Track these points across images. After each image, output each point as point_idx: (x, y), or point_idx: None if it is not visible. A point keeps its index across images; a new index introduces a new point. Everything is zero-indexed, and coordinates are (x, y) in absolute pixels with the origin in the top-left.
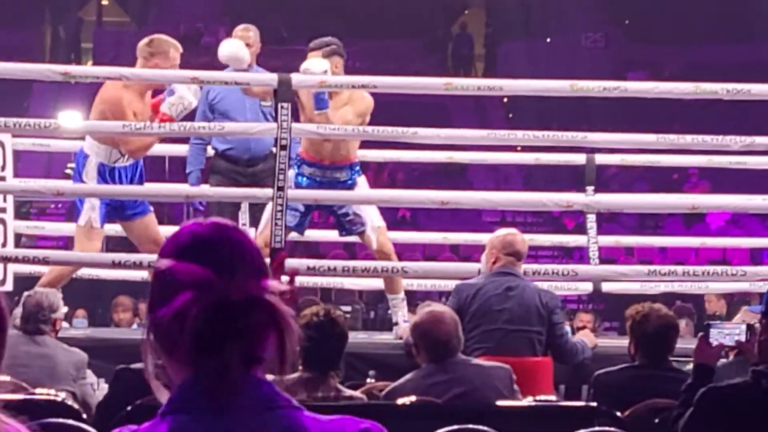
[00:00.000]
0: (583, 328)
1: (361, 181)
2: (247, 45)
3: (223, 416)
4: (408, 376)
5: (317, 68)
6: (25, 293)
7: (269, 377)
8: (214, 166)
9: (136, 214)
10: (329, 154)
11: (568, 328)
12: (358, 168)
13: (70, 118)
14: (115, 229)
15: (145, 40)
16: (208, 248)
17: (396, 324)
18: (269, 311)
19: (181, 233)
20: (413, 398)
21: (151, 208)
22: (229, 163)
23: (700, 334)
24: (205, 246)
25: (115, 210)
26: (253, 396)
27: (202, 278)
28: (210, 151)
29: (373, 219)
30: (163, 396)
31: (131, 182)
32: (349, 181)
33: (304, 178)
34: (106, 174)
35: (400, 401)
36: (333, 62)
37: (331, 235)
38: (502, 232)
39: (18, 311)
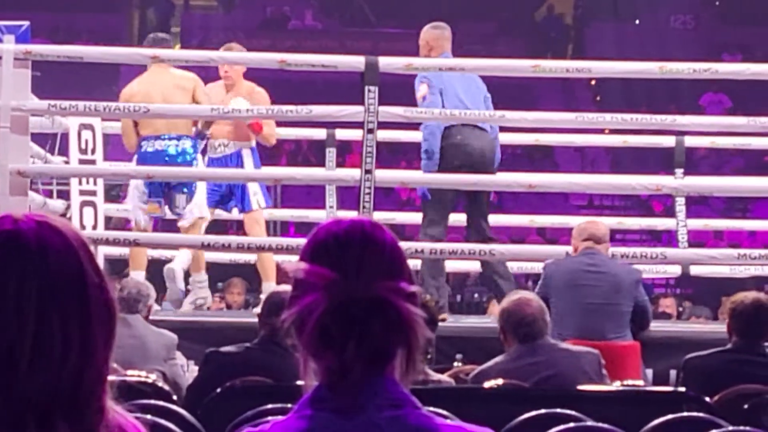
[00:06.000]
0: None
1: None
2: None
3: (353, 414)
4: (497, 359)
5: None
6: (126, 279)
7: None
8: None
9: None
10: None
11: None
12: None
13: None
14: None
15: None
16: (340, 248)
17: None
18: (393, 313)
19: (319, 232)
20: (500, 381)
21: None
22: None
23: None
24: (337, 246)
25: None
26: (381, 396)
27: (328, 280)
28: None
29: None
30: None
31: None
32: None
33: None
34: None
35: (486, 384)
36: None
37: (419, 218)
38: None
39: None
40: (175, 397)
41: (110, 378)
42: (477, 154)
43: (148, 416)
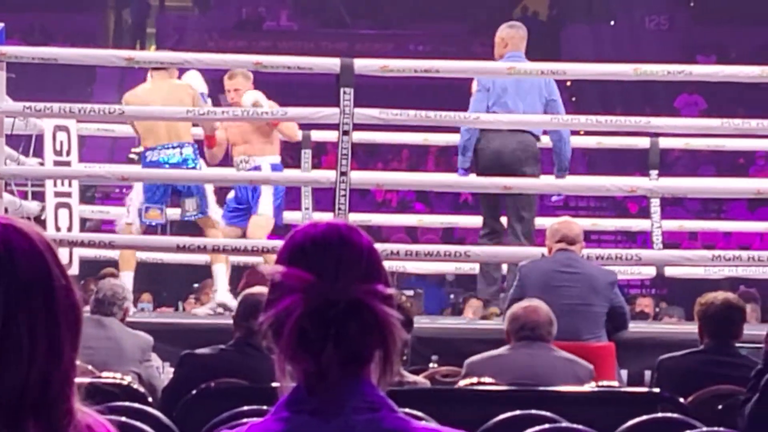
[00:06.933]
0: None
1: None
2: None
3: (330, 417)
4: (498, 350)
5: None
6: (102, 281)
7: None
8: None
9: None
10: None
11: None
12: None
13: None
14: (178, 213)
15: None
16: (318, 251)
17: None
18: (370, 315)
19: (296, 234)
20: (474, 381)
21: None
22: None
23: None
24: (314, 248)
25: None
26: (358, 398)
27: (306, 282)
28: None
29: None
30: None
31: None
32: None
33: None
34: None
35: (462, 383)
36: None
37: (394, 219)
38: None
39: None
40: (150, 399)
41: (85, 380)
42: (494, 156)
43: (123, 418)
